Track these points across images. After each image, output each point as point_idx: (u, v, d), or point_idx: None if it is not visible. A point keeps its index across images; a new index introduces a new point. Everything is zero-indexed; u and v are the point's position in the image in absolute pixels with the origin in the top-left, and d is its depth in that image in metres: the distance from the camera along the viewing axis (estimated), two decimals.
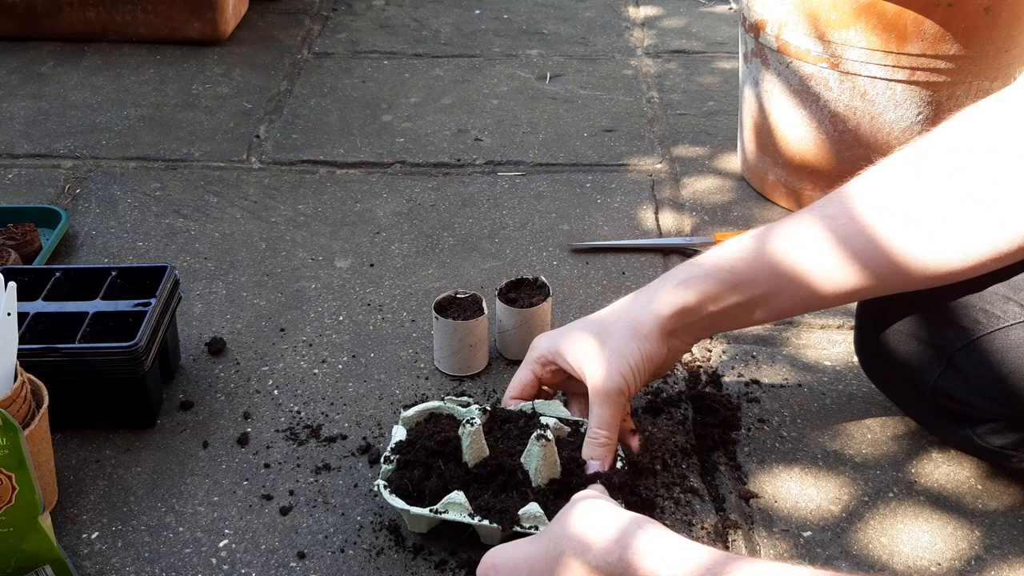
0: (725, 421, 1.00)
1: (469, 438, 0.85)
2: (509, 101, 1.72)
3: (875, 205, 0.80)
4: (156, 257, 1.28)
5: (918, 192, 0.79)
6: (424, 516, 0.82)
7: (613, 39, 2.00)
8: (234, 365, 1.09)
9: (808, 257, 0.82)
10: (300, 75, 1.82)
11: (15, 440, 0.75)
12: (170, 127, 1.62)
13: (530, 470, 0.84)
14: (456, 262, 1.27)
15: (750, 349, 1.11)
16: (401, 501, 0.83)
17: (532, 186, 1.45)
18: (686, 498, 0.91)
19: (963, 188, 0.77)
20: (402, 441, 0.89)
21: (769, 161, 1.40)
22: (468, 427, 0.85)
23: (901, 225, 0.79)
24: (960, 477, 0.94)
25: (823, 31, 1.23)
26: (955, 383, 0.88)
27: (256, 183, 1.46)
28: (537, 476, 0.84)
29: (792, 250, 0.83)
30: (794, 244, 0.83)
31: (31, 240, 1.24)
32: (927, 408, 0.94)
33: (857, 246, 0.80)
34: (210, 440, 0.98)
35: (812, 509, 0.91)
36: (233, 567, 0.85)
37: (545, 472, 0.84)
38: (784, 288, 0.84)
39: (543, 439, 0.83)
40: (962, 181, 0.78)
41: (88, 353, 0.94)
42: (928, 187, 0.79)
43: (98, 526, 0.89)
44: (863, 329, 0.96)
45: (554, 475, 0.84)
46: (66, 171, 1.49)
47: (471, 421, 0.85)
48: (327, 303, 1.19)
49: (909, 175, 0.80)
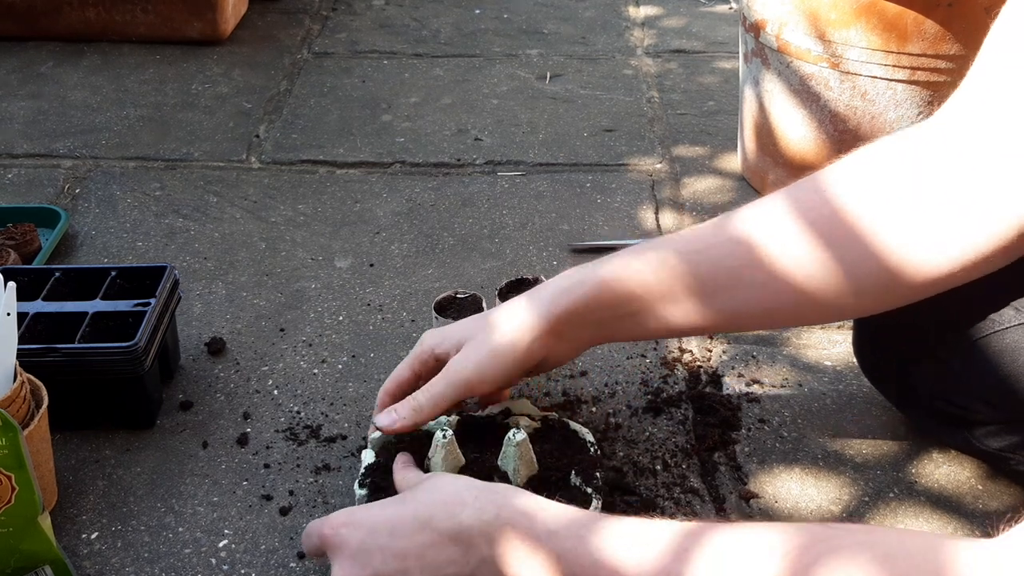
0: (725, 421, 1.00)
1: (444, 450, 0.83)
2: (509, 101, 1.72)
3: (856, 195, 0.73)
4: (156, 257, 1.28)
5: (905, 184, 0.72)
6: None
7: (613, 39, 1.99)
8: (234, 365, 1.09)
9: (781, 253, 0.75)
10: (300, 75, 1.82)
11: (15, 440, 0.75)
12: (170, 127, 1.62)
13: (508, 471, 0.84)
14: (456, 262, 1.27)
15: (750, 349, 1.11)
16: None
17: (532, 186, 1.45)
18: (686, 498, 0.91)
19: (950, 180, 0.70)
20: (371, 464, 0.87)
21: (769, 161, 1.40)
22: (442, 439, 0.84)
23: (888, 223, 0.72)
24: (960, 477, 0.94)
25: (823, 31, 1.23)
26: (952, 386, 0.88)
27: (256, 183, 1.46)
28: (516, 476, 0.84)
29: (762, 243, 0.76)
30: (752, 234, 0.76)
31: (31, 240, 1.24)
32: (925, 411, 0.94)
33: (839, 249, 0.73)
34: (210, 440, 0.98)
35: (812, 509, 0.91)
36: (233, 567, 0.85)
37: (523, 470, 0.84)
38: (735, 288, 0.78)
39: (517, 438, 0.83)
40: (949, 172, 0.71)
41: (88, 353, 0.94)
42: (916, 178, 0.72)
43: (97, 526, 0.89)
44: (861, 332, 0.96)
45: (532, 472, 0.84)
46: (66, 171, 1.49)
47: (444, 433, 0.84)
48: (327, 303, 1.19)
49: (894, 164, 0.74)
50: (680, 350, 1.11)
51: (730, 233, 0.78)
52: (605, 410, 1.02)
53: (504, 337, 0.83)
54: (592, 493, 0.82)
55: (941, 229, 0.71)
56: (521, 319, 0.83)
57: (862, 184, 0.74)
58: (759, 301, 0.78)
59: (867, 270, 0.74)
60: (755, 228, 0.77)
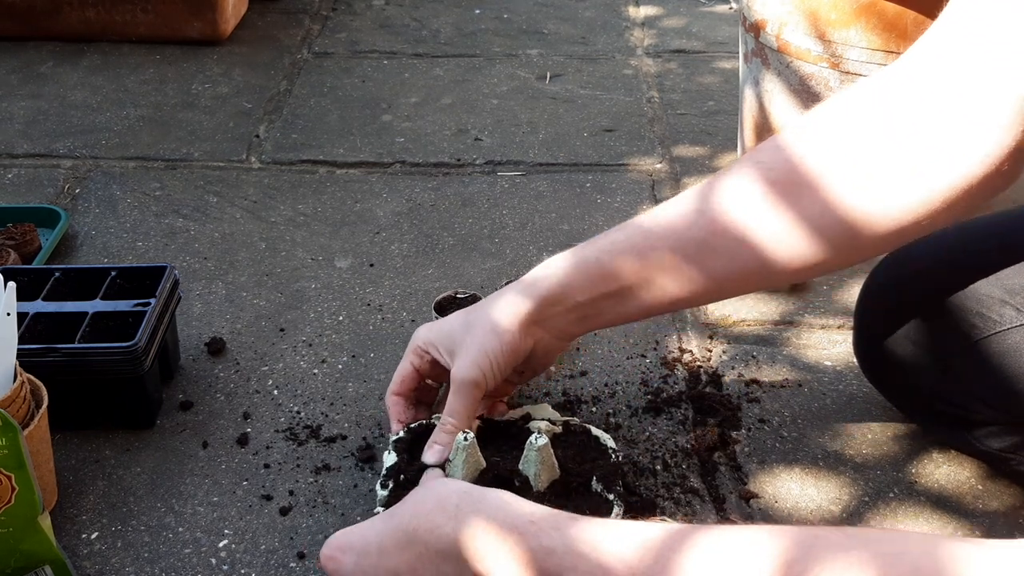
0: (725, 421, 1.00)
1: (464, 452, 0.84)
2: (509, 101, 1.72)
3: (819, 153, 0.74)
4: (156, 257, 1.28)
5: (859, 136, 0.73)
6: None
7: (613, 39, 1.99)
8: (234, 365, 1.09)
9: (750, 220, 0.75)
10: (300, 75, 1.82)
11: (15, 440, 0.75)
12: (170, 127, 1.62)
13: (529, 475, 0.84)
14: (456, 262, 1.27)
15: (750, 349, 1.11)
16: None
17: (532, 186, 1.45)
18: (686, 498, 0.91)
19: (902, 130, 0.71)
20: (393, 465, 0.87)
21: None
22: (463, 441, 0.84)
23: (847, 173, 0.73)
24: (960, 477, 0.94)
25: (823, 31, 1.23)
26: (953, 387, 0.88)
27: (256, 183, 1.46)
28: (536, 480, 0.83)
29: (733, 213, 0.76)
30: (733, 204, 0.76)
31: (31, 240, 1.24)
32: (925, 412, 0.94)
33: (805, 203, 0.74)
34: (210, 440, 0.98)
35: (812, 509, 0.91)
36: (233, 567, 0.85)
37: (544, 475, 0.84)
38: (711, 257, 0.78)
39: (538, 443, 0.83)
40: (900, 123, 0.72)
41: (87, 353, 0.94)
42: (868, 130, 0.73)
43: (97, 526, 0.89)
44: (862, 333, 0.96)
45: (553, 476, 0.84)
46: (66, 171, 1.49)
47: (465, 436, 0.84)
48: (327, 303, 1.19)
49: (848, 120, 0.75)
50: (680, 350, 1.11)
51: (697, 204, 0.79)
52: (605, 410, 1.02)
53: (493, 330, 0.83)
54: (614, 500, 0.82)
55: (896, 181, 0.72)
56: (505, 309, 0.84)
57: (820, 141, 0.75)
58: (731, 267, 0.79)
59: (828, 223, 0.74)
60: (720, 195, 0.78)
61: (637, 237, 0.81)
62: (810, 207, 0.74)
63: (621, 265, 0.81)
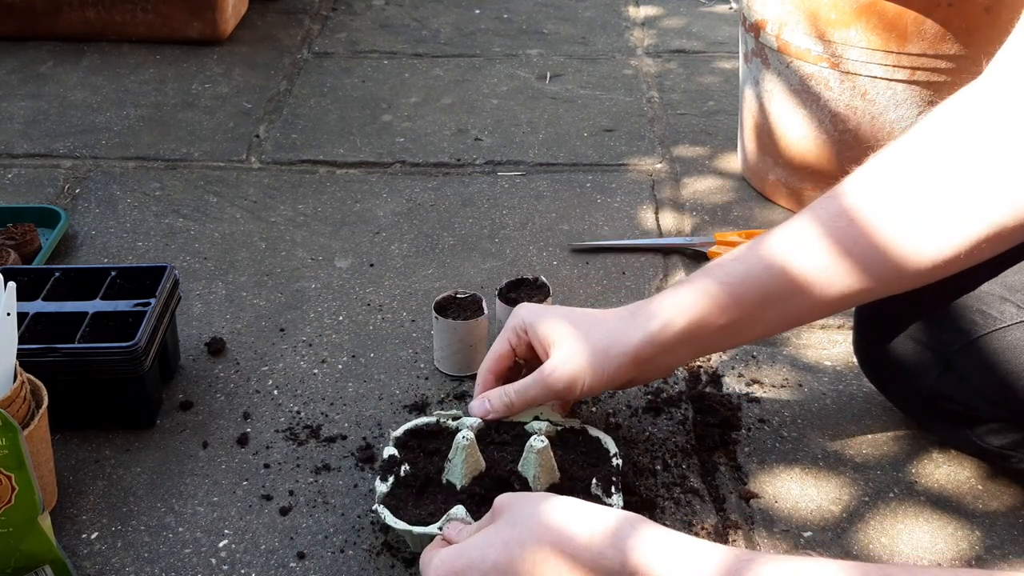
0: (725, 421, 1.00)
1: (464, 452, 0.84)
2: (509, 101, 1.72)
3: (867, 201, 0.80)
4: (156, 257, 1.28)
5: (904, 184, 0.79)
6: (430, 534, 0.80)
7: (613, 39, 1.99)
8: (234, 365, 1.09)
9: (804, 262, 0.81)
10: (300, 75, 1.82)
11: (15, 440, 0.75)
12: (170, 127, 1.62)
13: (528, 477, 0.84)
14: (456, 262, 1.27)
15: (750, 349, 1.11)
16: (404, 523, 0.82)
17: (532, 186, 1.45)
18: (686, 498, 0.91)
19: (942, 176, 0.78)
20: (392, 459, 0.87)
21: (770, 161, 1.40)
22: (463, 442, 0.84)
23: (891, 219, 0.79)
24: (960, 477, 0.94)
25: (823, 31, 1.23)
26: (953, 384, 0.88)
27: (256, 183, 1.46)
28: (536, 483, 0.83)
29: (789, 256, 0.82)
30: (790, 249, 0.82)
31: (31, 240, 1.24)
32: (926, 410, 0.94)
33: (852, 244, 0.80)
34: (210, 440, 0.98)
35: (812, 509, 0.91)
36: (233, 567, 0.85)
37: (544, 478, 0.83)
38: (779, 301, 0.83)
39: (537, 446, 0.83)
40: (941, 168, 0.78)
41: (87, 353, 0.94)
42: (912, 177, 0.79)
43: (98, 526, 0.89)
44: (861, 331, 0.96)
45: (553, 480, 0.84)
46: (66, 171, 1.49)
47: (465, 436, 0.84)
48: (327, 303, 1.19)
49: (895, 168, 0.81)
50: None
51: (760, 254, 0.83)
52: (605, 410, 1.02)
53: (605, 352, 0.84)
54: (613, 503, 0.82)
55: (940, 221, 0.78)
56: (624, 338, 0.85)
57: (872, 189, 0.81)
58: (786, 312, 0.84)
59: (877, 261, 0.79)
60: (779, 245, 0.83)
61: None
62: (861, 248, 0.79)
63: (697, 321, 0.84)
